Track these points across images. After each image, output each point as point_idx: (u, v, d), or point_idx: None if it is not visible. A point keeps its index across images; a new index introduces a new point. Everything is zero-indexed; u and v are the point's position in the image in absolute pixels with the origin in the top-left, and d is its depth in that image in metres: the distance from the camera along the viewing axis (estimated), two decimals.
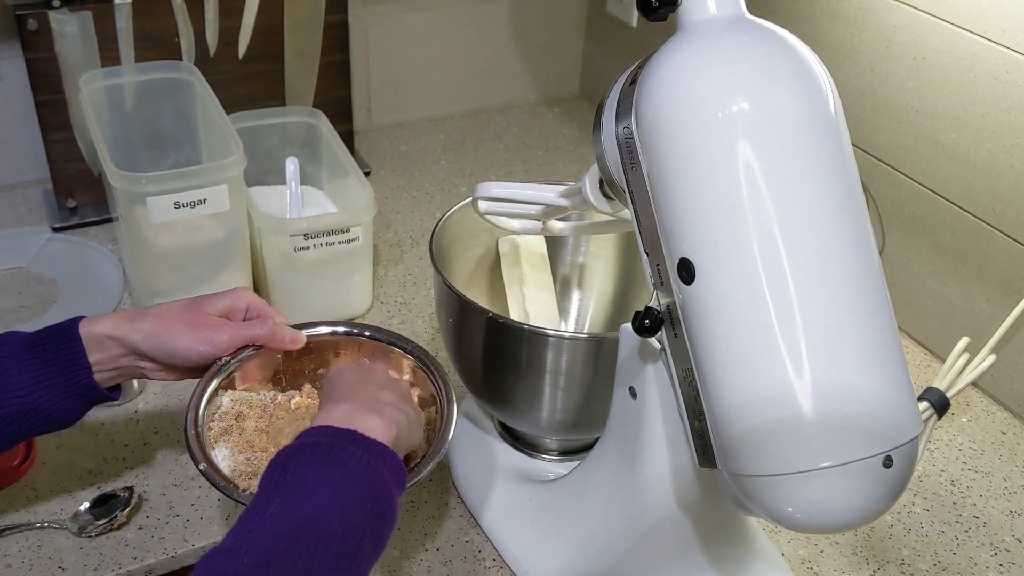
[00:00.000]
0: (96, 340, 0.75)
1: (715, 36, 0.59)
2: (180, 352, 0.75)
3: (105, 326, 0.75)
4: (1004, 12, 0.94)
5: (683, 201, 0.58)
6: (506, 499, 0.88)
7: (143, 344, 0.74)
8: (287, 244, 1.04)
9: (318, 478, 0.60)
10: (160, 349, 0.75)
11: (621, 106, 0.64)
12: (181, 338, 0.75)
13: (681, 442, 0.68)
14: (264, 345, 0.78)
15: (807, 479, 0.55)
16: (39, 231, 1.24)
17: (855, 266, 0.57)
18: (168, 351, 0.75)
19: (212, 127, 1.10)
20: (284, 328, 0.79)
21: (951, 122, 1.02)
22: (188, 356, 0.76)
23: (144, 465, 0.92)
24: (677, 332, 0.62)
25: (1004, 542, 0.91)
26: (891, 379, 0.56)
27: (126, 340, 0.75)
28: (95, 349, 0.74)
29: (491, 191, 0.88)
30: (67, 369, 0.73)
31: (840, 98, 0.60)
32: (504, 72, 1.60)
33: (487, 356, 0.86)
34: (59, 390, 0.73)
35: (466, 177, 1.44)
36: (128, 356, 0.76)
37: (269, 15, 1.26)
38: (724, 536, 0.78)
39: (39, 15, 1.13)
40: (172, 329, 0.75)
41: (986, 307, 1.04)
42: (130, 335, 0.75)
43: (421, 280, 1.21)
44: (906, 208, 1.10)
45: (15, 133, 1.29)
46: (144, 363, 0.77)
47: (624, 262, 1.02)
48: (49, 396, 0.73)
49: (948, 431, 1.03)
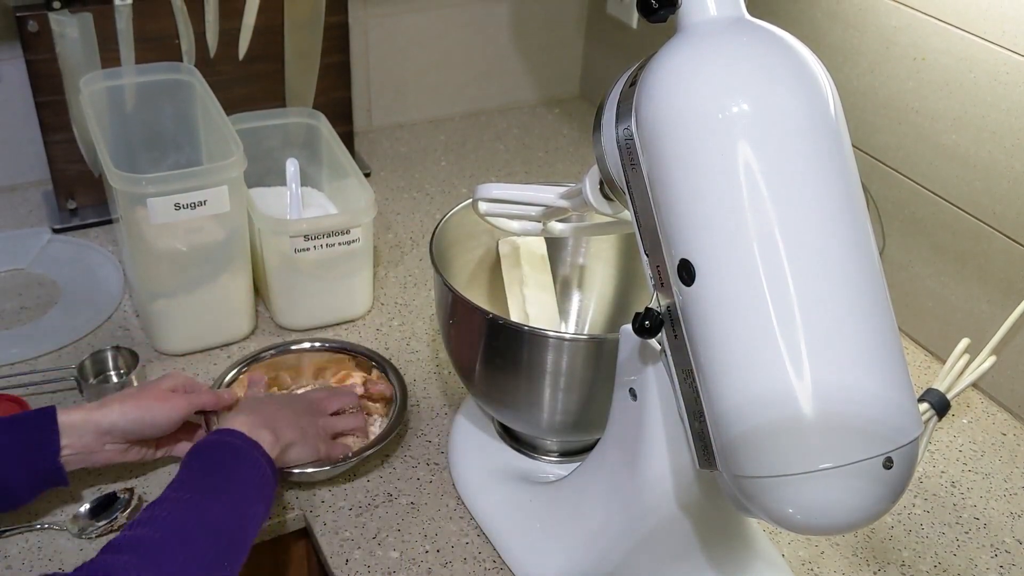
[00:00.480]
0: (70, 426, 0.82)
1: (715, 37, 0.59)
2: (159, 419, 0.86)
3: (80, 414, 0.83)
4: (1004, 13, 0.94)
5: (683, 202, 0.58)
6: (506, 500, 0.88)
7: (121, 421, 0.84)
8: (287, 245, 1.04)
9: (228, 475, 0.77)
10: (138, 420, 0.85)
11: (621, 107, 0.65)
12: (155, 408, 0.86)
13: (681, 443, 0.68)
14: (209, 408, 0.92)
15: (807, 480, 0.55)
16: (39, 232, 1.24)
17: (855, 267, 0.57)
18: (149, 421, 0.85)
19: (212, 128, 1.10)
20: (219, 392, 0.94)
21: (951, 123, 1.02)
22: (166, 422, 0.86)
23: (144, 467, 0.92)
24: (677, 333, 0.62)
25: (1004, 543, 0.91)
26: (891, 380, 0.56)
27: (101, 422, 0.83)
28: (67, 434, 0.82)
29: (491, 192, 0.88)
30: (40, 450, 0.81)
31: (840, 99, 0.60)
32: (504, 73, 1.61)
33: (487, 357, 0.86)
34: (27, 470, 0.81)
35: (466, 178, 1.44)
36: (98, 440, 0.84)
37: (269, 16, 1.26)
38: (724, 537, 0.78)
39: (39, 16, 1.13)
40: (144, 404, 0.86)
41: (986, 308, 1.04)
42: (106, 417, 0.84)
43: (421, 281, 1.21)
44: (906, 209, 1.10)
45: (15, 134, 1.29)
46: (112, 446, 0.85)
47: (624, 263, 1.02)
48: (17, 475, 0.80)
49: (948, 432, 1.03)
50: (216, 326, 1.06)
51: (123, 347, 1.03)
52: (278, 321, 1.11)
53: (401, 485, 0.92)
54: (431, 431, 0.98)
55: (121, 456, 0.86)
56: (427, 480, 0.93)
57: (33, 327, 1.08)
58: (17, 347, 1.04)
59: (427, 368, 1.06)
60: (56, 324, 1.09)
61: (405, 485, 0.92)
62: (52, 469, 0.81)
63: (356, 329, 1.12)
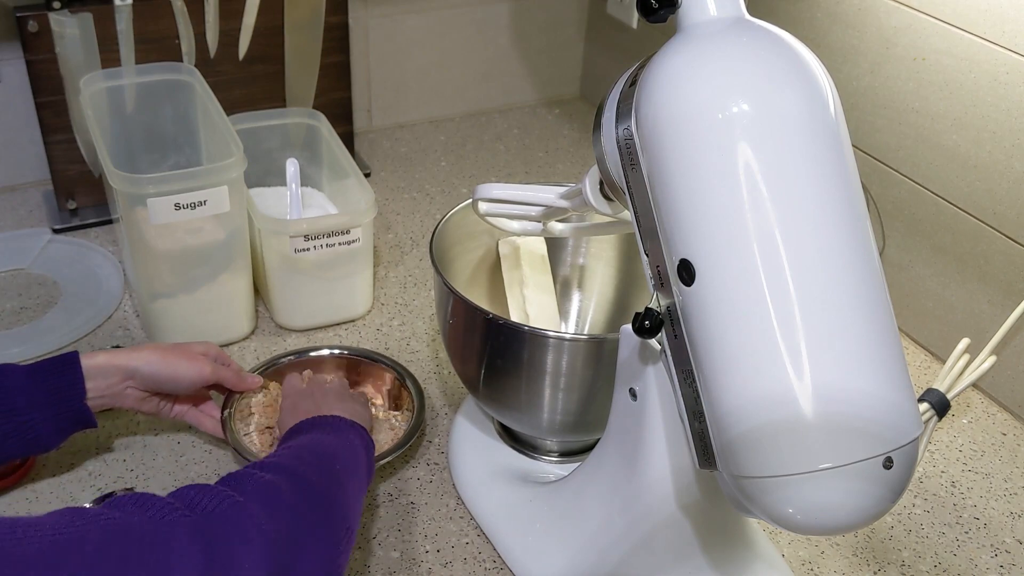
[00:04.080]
0: (94, 369, 0.83)
1: (715, 37, 0.59)
2: (180, 375, 0.87)
3: (103, 356, 0.85)
4: (1004, 13, 0.94)
5: (683, 202, 0.58)
6: (506, 500, 0.88)
7: (145, 368, 0.85)
8: (287, 246, 1.04)
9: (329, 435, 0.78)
10: (161, 373, 0.86)
11: (621, 107, 0.65)
12: (180, 364, 0.87)
13: (681, 443, 0.68)
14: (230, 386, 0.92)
15: (807, 480, 0.55)
16: (40, 233, 1.24)
17: (855, 267, 0.57)
18: (169, 374, 0.86)
19: (212, 129, 1.10)
20: (245, 373, 0.94)
21: (951, 123, 1.02)
22: (185, 380, 0.87)
23: (144, 467, 0.92)
24: (677, 333, 0.62)
25: (1005, 543, 0.91)
26: (891, 380, 0.56)
27: (126, 366, 0.85)
28: (91, 377, 0.83)
29: (491, 192, 0.88)
30: (64, 393, 0.82)
31: (840, 99, 0.60)
32: (504, 74, 1.61)
33: (487, 357, 0.86)
34: (53, 412, 0.82)
35: (466, 178, 1.44)
36: (122, 383, 0.85)
37: (269, 17, 1.26)
38: (724, 538, 0.78)
39: (40, 17, 1.13)
40: (170, 357, 0.87)
41: (986, 308, 1.04)
42: (131, 362, 0.85)
43: (421, 281, 1.21)
44: (906, 209, 1.10)
45: (16, 135, 1.29)
46: (133, 390, 0.86)
47: (624, 263, 1.02)
48: (43, 418, 0.81)
49: (948, 432, 1.03)
50: (216, 326, 1.07)
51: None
52: (278, 321, 1.11)
53: (401, 485, 0.92)
54: (431, 431, 0.98)
55: (139, 403, 0.88)
56: (427, 480, 0.93)
57: (33, 327, 1.08)
58: (17, 347, 1.05)
59: (427, 368, 1.07)
60: (56, 324, 1.09)
61: (405, 485, 0.92)
62: (79, 411, 0.83)
63: (356, 329, 1.12)
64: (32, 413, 0.80)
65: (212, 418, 0.92)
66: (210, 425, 0.91)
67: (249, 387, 0.93)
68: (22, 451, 0.82)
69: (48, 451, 0.84)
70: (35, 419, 0.81)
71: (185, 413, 0.91)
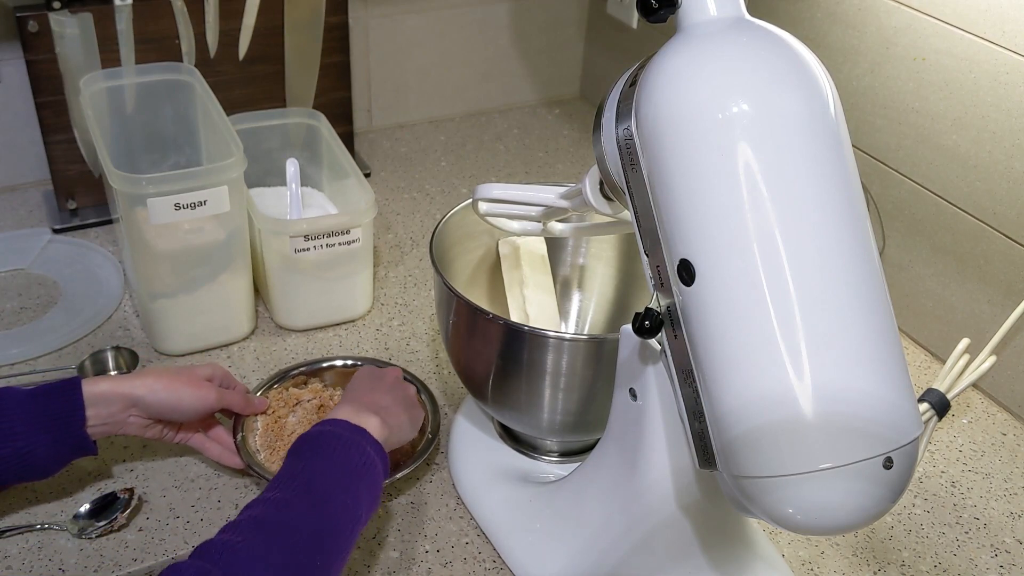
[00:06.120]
0: (96, 396, 0.82)
1: (715, 38, 0.59)
2: (184, 404, 0.85)
3: (106, 384, 0.83)
4: (1004, 14, 0.94)
5: (683, 202, 0.58)
6: (506, 500, 0.88)
7: (149, 397, 0.83)
8: (287, 246, 1.04)
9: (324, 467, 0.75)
10: (165, 402, 0.84)
11: (621, 107, 0.65)
12: (184, 392, 0.85)
13: (681, 443, 0.68)
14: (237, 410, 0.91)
15: (807, 480, 0.55)
16: (40, 233, 1.24)
17: (855, 267, 0.57)
18: (173, 403, 0.85)
19: (212, 129, 1.10)
20: (251, 397, 0.93)
21: (951, 123, 1.02)
22: (190, 408, 0.86)
23: (144, 467, 0.92)
24: (677, 333, 0.62)
25: (1005, 543, 0.91)
26: (891, 381, 0.56)
27: (130, 395, 0.83)
28: (93, 404, 0.82)
29: (491, 192, 0.88)
30: (64, 419, 0.81)
31: (840, 99, 0.60)
32: (504, 74, 1.61)
33: (487, 358, 0.86)
34: (52, 438, 0.80)
35: (466, 179, 1.44)
36: (125, 411, 0.84)
37: (269, 17, 1.26)
38: (724, 537, 0.78)
39: (40, 17, 1.13)
40: (174, 386, 0.85)
41: (986, 308, 1.04)
42: (135, 390, 0.83)
43: (421, 281, 1.21)
44: (906, 210, 1.10)
45: (16, 135, 1.29)
46: (136, 419, 0.85)
47: (624, 264, 1.02)
48: (41, 443, 0.80)
49: (948, 432, 1.03)
50: (216, 326, 1.07)
51: (123, 347, 1.03)
52: (278, 321, 1.11)
53: (401, 485, 0.92)
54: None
55: (142, 431, 0.86)
56: (427, 480, 0.93)
57: (33, 327, 1.08)
58: (17, 347, 1.05)
59: (427, 368, 1.07)
60: (56, 324, 1.09)
61: (405, 485, 0.92)
62: (79, 438, 0.81)
63: (356, 329, 1.12)
64: (30, 438, 0.79)
65: (218, 445, 0.90)
66: (215, 452, 0.90)
67: (256, 410, 0.92)
68: (18, 476, 0.81)
69: (44, 478, 0.83)
70: (33, 444, 0.79)
71: (190, 439, 0.90)
